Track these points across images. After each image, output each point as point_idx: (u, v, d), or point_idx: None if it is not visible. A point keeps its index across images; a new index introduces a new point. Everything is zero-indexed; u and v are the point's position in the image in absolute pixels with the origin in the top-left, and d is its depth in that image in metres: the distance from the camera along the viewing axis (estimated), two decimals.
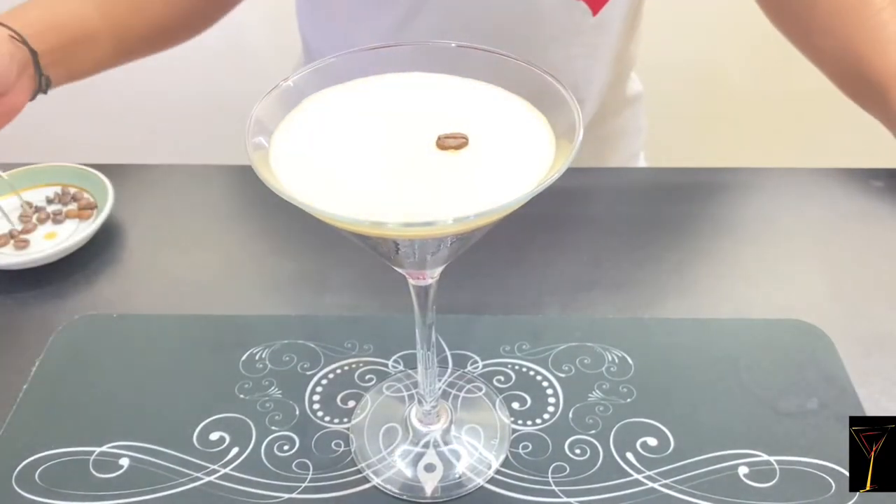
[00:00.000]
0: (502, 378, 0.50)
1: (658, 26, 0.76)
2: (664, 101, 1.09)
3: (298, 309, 0.55)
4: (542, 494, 0.43)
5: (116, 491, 0.44)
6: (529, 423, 0.47)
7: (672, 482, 0.44)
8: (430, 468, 0.45)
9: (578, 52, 0.70)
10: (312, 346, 0.52)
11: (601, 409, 0.47)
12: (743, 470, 0.44)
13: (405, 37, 0.66)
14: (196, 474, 0.44)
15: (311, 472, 0.44)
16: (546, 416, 0.47)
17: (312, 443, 0.46)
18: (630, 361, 0.50)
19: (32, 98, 0.62)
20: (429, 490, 0.44)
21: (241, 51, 1.35)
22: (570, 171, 0.33)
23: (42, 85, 0.62)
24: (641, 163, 0.88)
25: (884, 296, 0.55)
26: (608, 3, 0.67)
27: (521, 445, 0.46)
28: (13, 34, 0.59)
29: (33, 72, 0.61)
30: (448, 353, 0.51)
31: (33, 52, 0.60)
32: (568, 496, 0.43)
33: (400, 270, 0.39)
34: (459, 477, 0.44)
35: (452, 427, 0.47)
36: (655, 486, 0.43)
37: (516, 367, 0.50)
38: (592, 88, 0.74)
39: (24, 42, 0.59)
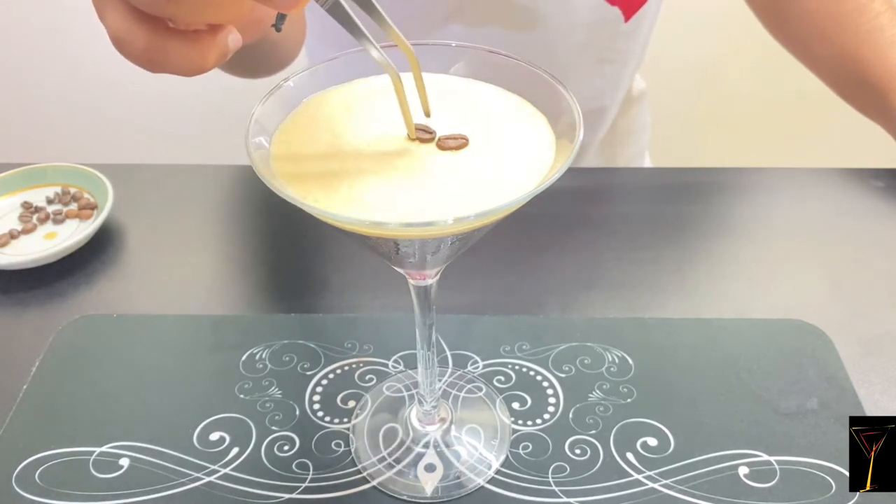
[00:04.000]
0: (502, 378, 0.50)
1: (659, 25, 0.76)
2: (666, 100, 1.09)
3: (298, 309, 0.55)
4: (542, 494, 0.43)
5: (116, 491, 0.44)
6: (529, 423, 0.47)
7: (672, 482, 0.44)
8: (430, 468, 0.45)
9: (609, 57, 0.70)
10: (312, 346, 0.52)
11: (601, 409, 0.47)
12: (743, 470, 0.44)
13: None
14: (196, 474, 0.44)
15: (311, 473, 0.44)
16: (546, 416, 0.47)
17: (312, 443, 0.46)
18: (630, 361, 0.50)
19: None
20: (429, 490, 0.44)
21: None
22: (571, 171, 0.33)
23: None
24: (647, 161, 0.89)
25: (884, 296, 0.55)
26: (641, 9, 0.67)
27: (521, 445, 0.46)
28: None
29: None
30: (448, 353, 0.51)
31: None
32: (568, 496, 0.43)
33: (400, 270, 0.39)
34: (459, 477, 0.44)
35: (452, 427, 0.47)
36: (656, 486, 0.43)
37: (516, 368, 0.50)
38: (618, 95, 0.75)
39: None
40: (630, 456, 0.45)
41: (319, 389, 0.49)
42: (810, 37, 0.66)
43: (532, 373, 0.50)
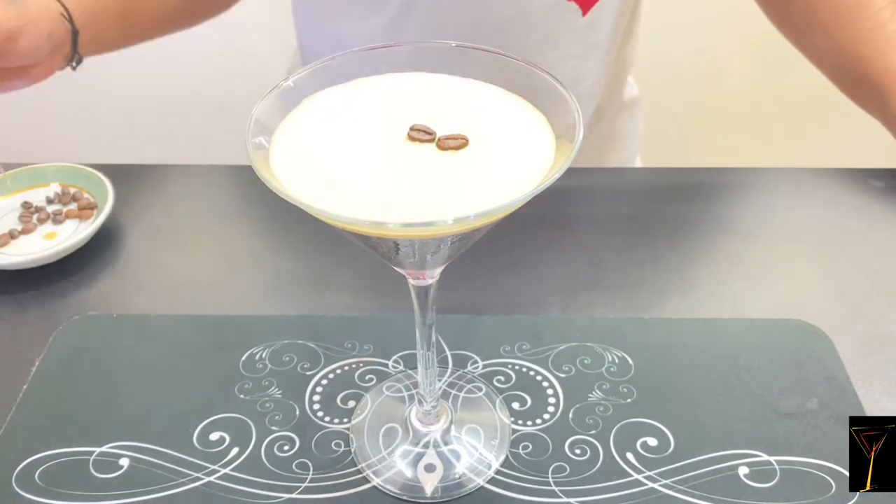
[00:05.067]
0: (502, 378, 0.50)
1: (655, 27, 0.76)
2: (662, 102, 1.09)
3: (298, 309, 0.55)
4: (542, 495, 0.43)
5: (116, 491, 0.44)
6: (529, 423, 0.47)
7: (672, 482, 0.44)
8: (430, 468, 0.45)
9: (569, 52, 0.70)
10: (312, 346, 0.52)
11: (601, 409, 0.47)
12: (743, 470, 0.44)
13: (395, 38, 0.67)
14: (196, 474, 0.44)
15: (311, 473, 0.44)
16: (546, 416, 0.47)
17: (312, 443, 0.46)
18: (630, 361, 0.50)
19: (60, 69, 0.62)
20: (429, 490, 0.44)
21: (242, 51, 1.35)
22: (570, 171, 0.33)
23: (73, 63, 0.62)
24: (638, 165, 0.89)
25: (884, 296, 0.55)
26: (598, 3, 0.67)
27: (521, 445, 0.46)
28: (64, 13, 0.59)
29: (69, 51, 0.61)
30: (448, 353, 0.51)
31: (75, 32, 0.60)
32: (568, 496, 0.43)
33: (400, 270, 0.39)
34: (459, 477, 0.44)
35: (452, 427, 0.47)
36: (655, 486, 0.43)
37: (516, 368, 0.50)
38: (580, 88, 0.74)
39: (71, 21, 0.59)
40: (630, 456, 0.45)
41: (319, 389, 0.49)
42: (812, 29, 0.66)
43: (532, 373, 0.50)
